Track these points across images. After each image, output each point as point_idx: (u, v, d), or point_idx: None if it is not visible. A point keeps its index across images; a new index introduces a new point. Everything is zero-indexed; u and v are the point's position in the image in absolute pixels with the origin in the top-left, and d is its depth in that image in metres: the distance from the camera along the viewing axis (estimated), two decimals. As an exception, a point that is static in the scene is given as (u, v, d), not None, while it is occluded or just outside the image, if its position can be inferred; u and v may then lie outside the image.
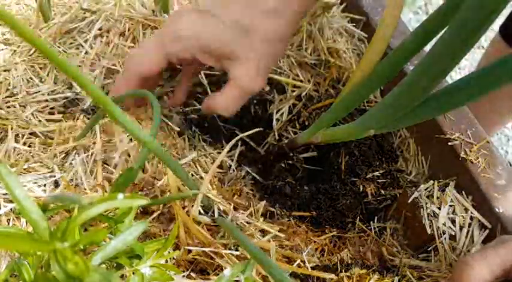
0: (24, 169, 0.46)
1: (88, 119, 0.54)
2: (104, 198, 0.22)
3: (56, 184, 0.46)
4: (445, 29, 0.33)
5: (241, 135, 0.53)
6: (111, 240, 0.25)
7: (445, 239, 0.49)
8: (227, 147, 0.48)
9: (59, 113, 0.55)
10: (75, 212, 0.35)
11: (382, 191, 0.56)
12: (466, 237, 0.49)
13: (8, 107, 0.54)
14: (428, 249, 0.50)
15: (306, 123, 0.63)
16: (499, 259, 0.38)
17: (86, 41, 0.61)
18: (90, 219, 0.24)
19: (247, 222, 0.47)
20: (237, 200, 0.51)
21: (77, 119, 0.54)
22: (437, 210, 0.50)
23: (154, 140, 0.33)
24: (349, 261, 0.49)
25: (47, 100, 0.56)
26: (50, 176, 0.46)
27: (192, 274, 0.40)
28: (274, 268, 0.32)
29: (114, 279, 0.22)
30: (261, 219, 0.50)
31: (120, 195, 0.22)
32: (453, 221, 0.50)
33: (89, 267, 0.21)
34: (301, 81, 0.63)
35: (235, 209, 0.48)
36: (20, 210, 0.22)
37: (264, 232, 0.48)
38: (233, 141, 0.49)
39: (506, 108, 0.99)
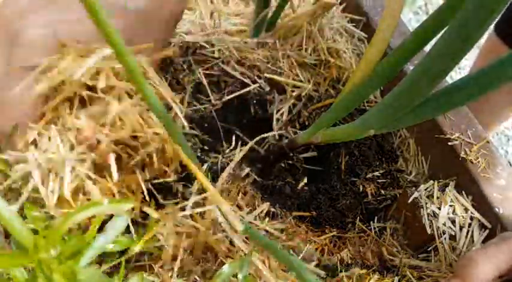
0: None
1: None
2: (89, 204, 0.22)
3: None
4: (445, 29, 0.33)
5: (251, 143, 0.54)
6: (98, 238, 0.25)
7: (445, 239, 0.49)
8: (238, 154, 0.48)
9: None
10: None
11: (382, 191, 0.56)
12: (466, 237, 0.49)
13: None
14: (428, 249, 0.50)
15: (306, 123, 0.63)
16: (502, 256, 0.38)
17: (86, 41, 0.61)
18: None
19: (250, 222, 0.47)
20: (241, 201, 0.51)
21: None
22: (437, 210, 0.50)
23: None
24: (349, 261, 0.49)
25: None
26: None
27: (197, 277, 0.40)
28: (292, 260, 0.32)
29: (103, 280, 0.21)
30: (266, 219, 0.50)
31: (106, 201, 0.22)
32: (453, 221, 0.50)
33: (75, 274, 0.20)
34: (301, 81, 0.63)
35: (239, 209, 0.48)
36: (3, 222, 0.21)
37: (267, 232, 0.48)
38: (246, 148, 0.50)
39: (498, 107, 0.99)
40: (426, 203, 0.51)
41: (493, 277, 0.38)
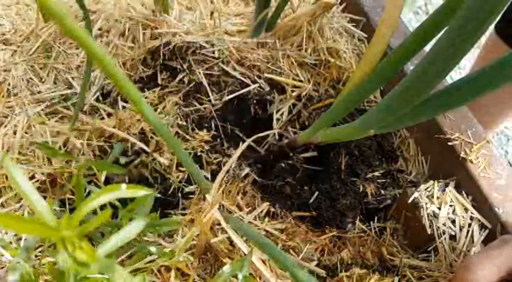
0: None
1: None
2: (109, 188, 0.22)
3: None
4: (445, 29, 0.33)
5: (248, 141, 0.54)
6: (114, 235, 0.25)
7: (445, 239, 0.49)
8: (236, 153, 0.48)
9: (58, 112, 0.55)
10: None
11: (382, 191, 0.56)
12: (466, 237, 0.49)
13: (8, 107, 0.54)
14: (428, 249, 0.50)
15: (306, 123, 0.63)
16: (504, 259, 0.38)
17: (86, 41, 0.61)
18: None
19: (250, 222, 0.47)
20: (241, 201, 0.51)
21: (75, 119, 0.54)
22: (437, 210, 0.50)
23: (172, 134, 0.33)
24: (349, 261, 0.49)
25: (46, 100, 0.56)
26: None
27: (197, 277, 0.40)
28: (289, 262, 0.32)
29: (118, 269, 0.22)
30: (266, 219, 0.50)
31: (123, 185, 0.22)
32: (453, 221, 0.50)
33: (95, 255, 0.21)
34: (301, 81, 0.63)
35: (239, 209, 0.49)
36: (28, 202, 0.22)
37: (267, 232, 0.48)
38: (243, 147, 0.50)
39: (497, 110, 0.99)
40: (426, 203, 0.51)
41: (494, 281, 0.37)
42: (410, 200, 0.52)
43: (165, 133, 0.33)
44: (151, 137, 0.56)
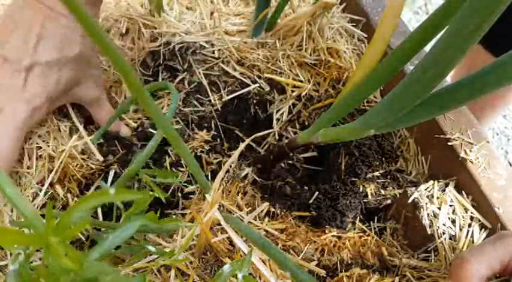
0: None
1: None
2: (97, 194, 0.22)
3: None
4: (445, 29, 0.33)
5: (247, 140, 0.54)
6: (109, 236, 0.25)
7: (445, 239, 0.49)
8: (236, 153, 0.48)
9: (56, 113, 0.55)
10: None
11: (382, 191, 0.56)
12: (466, 237, 0.49)
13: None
14: (428, 249, 0.50)
15: (306, 123, 0.63)
16: (496, 254, 0.38)
17: (86, 41, 0.61)
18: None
19: (250, 223, 0.47)
20: (241, 201, 0.51)
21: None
22: (437, 210, 0.50)
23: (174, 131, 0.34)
24: (349, 261, 0.49)
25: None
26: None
27: (197, 277, 0.40)
28: (289, 262, 0.32)
29: (111, 272, 0.22)
30: (266, 219, 0.50)
31: (112, 190, 0.22)
32: (453, 221, 0.50)
33: (82, 262, 0.21)
34: (301, 81, 0.63)
35: (239, 208, 0.48)
36: (15, 208, 0.22)
37: (267, 232, 0.48)
38: (243, 146, 0.50)
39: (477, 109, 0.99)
40: (426, 203, 0.51)
41: (487, 276, 0.38)
42: (410, 200, 0.52)
43: (168, 129, 0.33)
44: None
